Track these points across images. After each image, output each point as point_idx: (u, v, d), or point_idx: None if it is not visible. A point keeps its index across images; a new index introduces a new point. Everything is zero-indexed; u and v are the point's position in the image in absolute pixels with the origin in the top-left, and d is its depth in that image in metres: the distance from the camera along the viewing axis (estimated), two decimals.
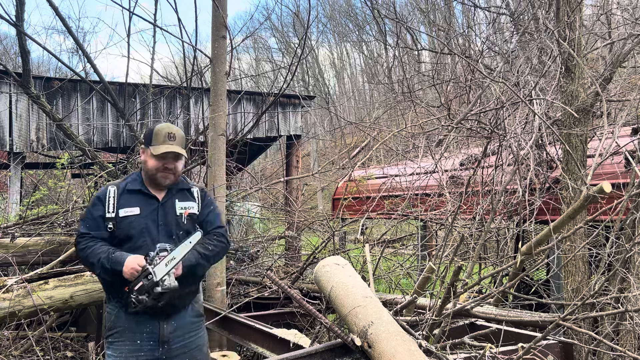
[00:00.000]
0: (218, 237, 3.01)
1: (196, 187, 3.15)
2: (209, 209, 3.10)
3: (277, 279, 2.97)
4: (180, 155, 2.95)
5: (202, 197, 3.13)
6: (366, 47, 35.79)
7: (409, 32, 9.16)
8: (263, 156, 20.29)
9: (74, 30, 8.70)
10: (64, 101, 9.08)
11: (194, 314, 3.02)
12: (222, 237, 3.04)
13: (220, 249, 3.00)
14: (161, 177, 2.93)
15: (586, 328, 3.46)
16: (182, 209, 3.01)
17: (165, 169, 2.92)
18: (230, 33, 4.90)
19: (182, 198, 3.04)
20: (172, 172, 2.95)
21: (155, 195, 2.98)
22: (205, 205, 3.10)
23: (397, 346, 2.03)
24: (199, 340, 3.04)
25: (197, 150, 6.31)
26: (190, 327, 2.98)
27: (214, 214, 3.11)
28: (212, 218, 3.07)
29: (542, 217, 4.52)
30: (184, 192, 3.07)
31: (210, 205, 3.14)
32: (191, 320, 2.98)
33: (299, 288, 4.95)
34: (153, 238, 2.87)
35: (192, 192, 3.10)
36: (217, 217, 3.12)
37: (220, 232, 3.06)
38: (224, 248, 3.05)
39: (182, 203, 3.02)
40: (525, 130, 4.86)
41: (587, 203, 2.85)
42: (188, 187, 3.11)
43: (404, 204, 5.62)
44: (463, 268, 3.10)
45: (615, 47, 4.61)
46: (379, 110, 20.33)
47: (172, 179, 2.97)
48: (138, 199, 2.94)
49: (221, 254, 3.06)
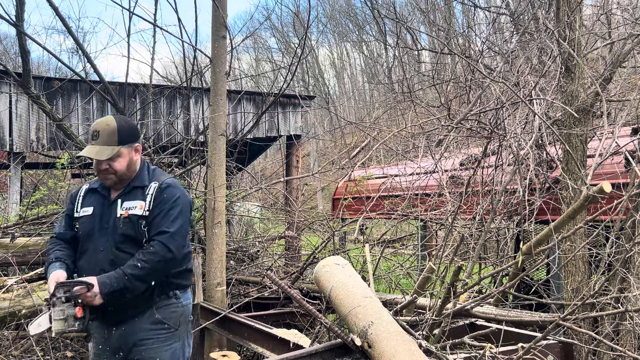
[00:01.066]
0: (150, 250, 2.53)
1: (156, 183, 2.70)
2: (162, 208, 2.62)
3: (277, 279, 2.96)
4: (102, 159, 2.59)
5: (156, 195, 2.65)
6: (366, 47, 35.80)
7: (409, 32, 9.16)
8: (263, 156, 20.30)
9: (74, 30, 8.70)
10: (64, 101, 9.09)
11: (152, 320, 2.65)
12: (158, 246, 2.54)
13: (152, 264, 2.51)
14: (102, 179, 2.69)
15: (586, 328, 3.45)
16: (124, 210, 2.63)
17: (100, 171, 2.65)
18: (230, 33, 4.90)
19: (130, 197, 2.67)
20: (109, 173, 2.64)
21: (108, 194, 2.72)
22: (158, 203, 2.63)
23: (397, 346, 2.03)
24: (159, 353, 2.64)
25: (197, 150, 6.31)
26: (147, 334, 2.63)
27: (165, 215, 2.61)
28: (159, 220, 2.58)
29: (542, 217, 4.52)
30: (137, 190, 2.68)
31: (165, 203, 2.63)
32: (148, 327, 2.63)
33: (299, 288, 4.94)
34: (95, 243, 2.63)
35: (146, 188, 2.68)
36: (166, 220, 2.59)
37: (158, 240, 2.55)
38: (160, 262, 2.53)
39: (127, 203, 2.65)
40: (525, 130, 4.86)
41: (587, 203, 2.85)
42: (143, 184, 2.70)
43: (404, 204, 5.62)
44: (463, 268, 3.10)
45: (615, 47, 4.61)
46: (379, 110, 20.33)
47: (114, 179, 2.66)
48: (95, 198, 2.73)
49: (157, 268, 2.55)
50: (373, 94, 32.28)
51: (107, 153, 2.60)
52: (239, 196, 8.20)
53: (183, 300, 2.78)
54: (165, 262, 2.57)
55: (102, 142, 2.61)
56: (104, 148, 2.60)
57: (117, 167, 2.64)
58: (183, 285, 2.79)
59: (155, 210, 2.62)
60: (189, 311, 2.84)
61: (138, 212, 2.61)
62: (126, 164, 2.67)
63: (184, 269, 2.78)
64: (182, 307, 2.76)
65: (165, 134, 9.09)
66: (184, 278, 2.80)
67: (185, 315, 2.79)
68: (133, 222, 2.60)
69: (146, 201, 2.64)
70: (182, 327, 2.77)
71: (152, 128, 9.06)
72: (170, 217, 2.61)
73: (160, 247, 2.55)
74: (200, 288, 4.21)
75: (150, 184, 2.69)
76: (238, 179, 10.22)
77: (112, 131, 2.62)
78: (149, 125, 8.87)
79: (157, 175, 2.77)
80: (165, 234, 2.57)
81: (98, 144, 2.60)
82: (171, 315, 2.71)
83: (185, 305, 2.80)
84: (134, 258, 2.53)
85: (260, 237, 7.15)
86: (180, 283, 2.77)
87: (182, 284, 2.79)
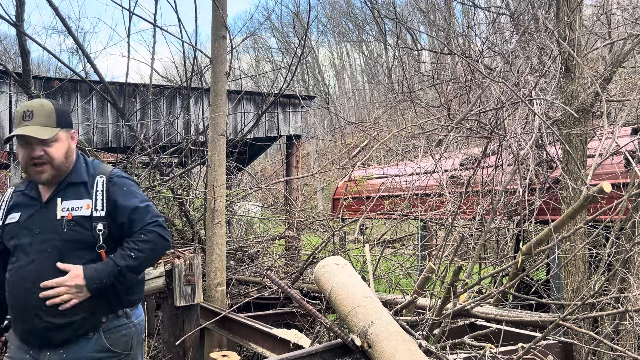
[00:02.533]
0: (144, 239, 2.24)
1: (102, 177, 2.27)
2: (130, 204, 2.25)
3: (277, 279, 2.95)
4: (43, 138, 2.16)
5: (111, 190, 2.25)
6: (366, 47, 35.80)
7: (409, 32, 9.16)
8: (263, 156, 20.29)
9: (74, 30, 8.70)
10: (64, 101, 9.08)
11: (98, 347, 2.21)
12: (153, 234, 2.25)
13: (148, 254, 2.25)
14: (34, 172, 2.22)
15: (586, 328, 3.46)
16: (65, 211, 2.19)
17: (33, 162, 2.20)
18: (230, 33, 4.90)
19: (70, 195, 2.23)
20: (44, 161, 2.19)
21: (38, 195, 2.27)
22: (120, 202, 2.24)
23: (397, 346, 2.03)
24: None
25: (197, 150, 6.31)
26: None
27: (139, 210, 2.26)
28: (139, 216, 2.26)
29: (542, 217, 4.52)
30: (77, 187, 2.26)
31: (130, 198, 2.27)
32: (91, 356, 2.19)
33: (299, 288, 4.94)
34: (27, 253, 2.17)
35: (91, 184, 2.25)
36: (144, 213, 2.27)
37: (152, 229, 2.25)
38: (155, 251, 2.27)
39: (68, 202, 2.21)
40: (525, 130, 4.86)
41: (587, 203, 2.85)
42: (82, 179, 2.27)
43: (404, 204, 5.61)
44: (463, 268, 3.10)
45: (615, 47, 4.61)
46: (379, 110, 20.33)
47: (50, 172, 2.21)
48: (23, 201, 2.30)
49: (151, 259, 2.31)
50: (373, 94, 32.28)
51: (47, 133, 2.18)
52: (239, 196, 8.21)
53: (134, 319, 2.37)
54: (159, 252, 2.31)
55: (38, 122, 2.18)
56: (41, 128, 2.17)
57: (55, 154, 2.20)
58: (134, 301, 2.40)
59: (126, 206, 2.25)
60: (142, 329, 2.43)
61: (85, 212, 2.19)
62: (64, 152, 2.24)
63: (138, 280, 2.41)
64: (133, 327, 2.35)
65: (165, 134, 9.09)
66: (137, 292, 2.42)
67: (137, 335, 2.37)
68: (80, 224, 2.18)
69: (96, 199, 2.22)
70: (135, 350, 2.35)
71: (152, 128, 9.06)
72: (150, 208, 2.30)
73: (154, 235, 2.25)
74: (200, 288, 4.21)
75: (96, 178, 2.27)
76: (238, 179, 10.23)
77: (49, 111, 2.22)
78: (149, 125, 8.87)
79: (98, 167, 2.35)
80: (154, 222, 2.27)
81: (33, 124, 2.17)
82: (122, 340, 2.28)
83: (137, 324, 2.39)
84: (124, 247, 2.22)
85: (260, 237, 7.16)
86: (131, 299, 2.37)
87: (133, 300, 2.39)
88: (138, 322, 2.40)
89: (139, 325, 2.41)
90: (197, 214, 6.73)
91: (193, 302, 4.15)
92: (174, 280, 4.10)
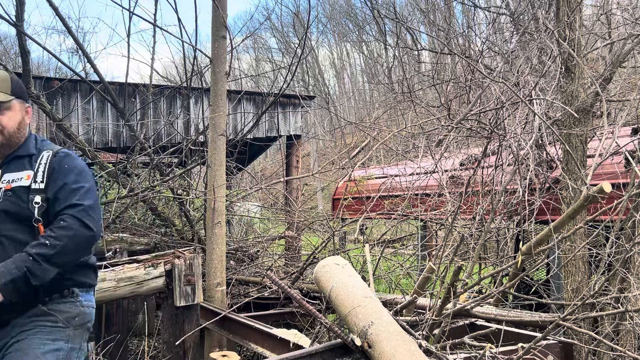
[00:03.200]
0: (60, 225, 2.06)
1: (48, 152, 2.21)
2: (65, 180, 2.14)
3: (277, 279, 2.96)
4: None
5: (52, 165, 2.17)
6: (366, 47, 35.81)
7: (409, 32, 9.16)
8: (263, 156, 20.30)
9: (74, 30, 8.70)
10: (64, 101, 9.08)
11: (35, 313, 2.15)
12: (70, 219, 2.07)
13: (65, 242, 2.04)
14: None
15: (586, 328, 3.46)
16: (5, 183, 2.12)
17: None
18: (230, 33, 4.90)
19: (12, 167, 2.17)
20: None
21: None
22: (59, 175, 2.15)
23: (397, 346, 2.03)
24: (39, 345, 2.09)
25: (197, 150, 6.31)
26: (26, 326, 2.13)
27: (72, 189, 2.13)
28: (66, 194, 2.11)
29: (542, 217, 4.52)
30: (22, 160, 2.19)
31: (68, 174, 2.16)
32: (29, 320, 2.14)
33: (299, 288, 4.95)
34: None
35: (35, 158, 2.19)
36: (75, 193, 2.13)
37: (70, 214, 2.08)
38: (74, 238, 2.06)
39: (9, 174, 2.15)
40: (525, 130, 4.86)
41: (587, 203, 2.85)
42: (29, 152, 2.21)
43: (404, 204, 5.62)
44: (463, 268, 3.10)
45: (615, 47, 4.61)
46: (379, 110, 20.34)
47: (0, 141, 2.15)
48: None
49: (70, 248, 2.06)
50: (373, 94, 32.29)
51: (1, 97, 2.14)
52: (239, 196, 8.21)
53: (83, 301, 2.26)
54: (80, 240, 2.09)
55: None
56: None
57: (7, 123, 2.15)
58: (83, 282, 2.27)
59: (57, 182, 2.13)
60: (90, 317, 2.30)
61: (24, 183, 2.11)
62: (17, 122, 2.19)
63: (84, 263, 2.26)
64: (80, 307, 2.24)
65: (165, 134, 9.09)
66: (84, 275, 2.28)
67: (82, 317, 2.25)
68: (18, 195, 2.09)
69: (37, 171, 2.14)
70: (76, 329, 2.22)
71: (152, 128, 9.06)
72: (80, 191, 2.13)
73: (74, 221, 2.07)
74: (200, 288, 4.21)
75: (42, 153, 2.20)
76: (238, 179, 10.23)
77: (4, 78, 2.17)
78: (149, 125, 8.87)
79: (47, 145, 2.29)
80: (77, 206, 2.09)
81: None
82: (63, 309, 2.18)
83: (86, 306, 2.27)
84: (40, 237, 2.06)
85: (260, 237, 7.16)
86: (80, 280, 2.25)
87: (82, 282, 2.27)
88: (87, 305, 2.28)
89: (87, 309, 2.28)
90: (197, 214, 6.73)
91: (193, 302, 4.15)
92: (174, 280, 4.10)
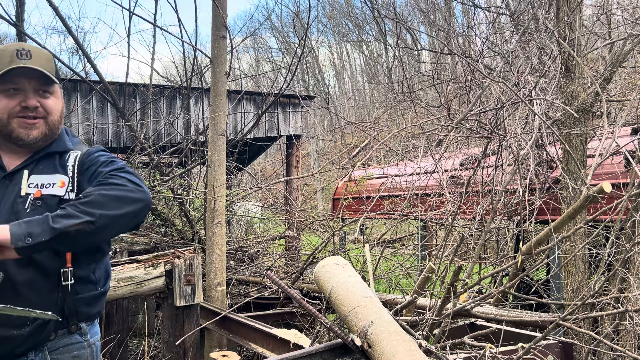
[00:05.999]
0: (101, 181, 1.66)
1: (76, 152, 1.82)
2: (93, 168, 1.76)
3: (277, 279, 2.96)
4: (47, 79, 1.71)
5: (80, 166, 1.77)
6: (366, 47, 35.81)
7: (409, 32, 9.16)
8: (263, 156, 20.30)
9: (74, 30, 8.70)
10: (64, 101, 9.09)
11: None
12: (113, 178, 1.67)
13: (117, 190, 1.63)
14: (21, 126, 1.71)
15: (586, 328, 3.46)
16: (33, 187, 1.69)
17: (25, 112, 1.70)
18: (230, 33, 4.90)
19: (42, 168, 1.75)
20: (40, 114, 1.73)
21: (2, 164, 1.75)
22: (84, 169, 1.77)
23: (397, 346, 2.03)
24: None
25: (197, 150, 6.31)
26: None
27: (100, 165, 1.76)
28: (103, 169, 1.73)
29: (542, 217, 4.52)
30: (52, 158, 1.78)
31: (94, 163, 1.78)
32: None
33: (299, 288, 4.95)
34: None
35: (67, 158, 1.79)
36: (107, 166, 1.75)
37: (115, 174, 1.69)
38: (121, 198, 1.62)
39: (37, 177, 1.72)
40: (525, 130, 4.86)
41: (587, 203, 2.85)
42: (65, 149, 1.82)
43: (404, 204, 5.62)
44: (463, 268, 3.10)
45: (615, 47, 4.61)
46: (379, 110, 20.34)
47: (43, 130, 1.74)
48: None
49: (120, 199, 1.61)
50: (373, 94, 32.29)
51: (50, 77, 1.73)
52: (239, 196, 8.21)
53: (90, 337, 1.89)
54: (131, 199, 1.64)
55: (39, 64, 1.70)
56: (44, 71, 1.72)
57: (53, 108, 1.76)
58: (93, 315, 1.89)
59: (86, 173, 1.76)
60: (97, 351, 1.95)
61: (59, 191, 1.69)
62: (60, 111, 1.82)
63: (100, 292, 1.88)
64: (88, 347, 1.87)
65: (165, 134, 9.08)
66: (97, 304, 1.89)
67: (94, 355, 1.91)
68: (49, 207, 1.65)
69: (69, 177, 1.74)
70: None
71: (152, 128, 9.06)
72: (117, 163, 1.79)
73: (119, 179, 1.67)
74: (200, 288, 4.21)
75: (72, 152, 1.82)
76: (238, 179, 10.23)
77: (49, 58, 1.76)
78: (149, 125, 8.87)
79: (77, 143, 1.91)
80: (118, 170, 1.72)
81: (33, 63, 1.68)
82: (71, 351, 1.81)
83: (93, 344, 1.90)
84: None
85: (260, 237, 7.16)
86: (90, 311, 1.86)
87: (92, 313, 1.88)
88: (94, 341, 1.92)
89: (95, 346, 1.92)
90: (197, 214, 6.74)
91: (193, 302, 4.15)
92: (174, 280, 4.10)
